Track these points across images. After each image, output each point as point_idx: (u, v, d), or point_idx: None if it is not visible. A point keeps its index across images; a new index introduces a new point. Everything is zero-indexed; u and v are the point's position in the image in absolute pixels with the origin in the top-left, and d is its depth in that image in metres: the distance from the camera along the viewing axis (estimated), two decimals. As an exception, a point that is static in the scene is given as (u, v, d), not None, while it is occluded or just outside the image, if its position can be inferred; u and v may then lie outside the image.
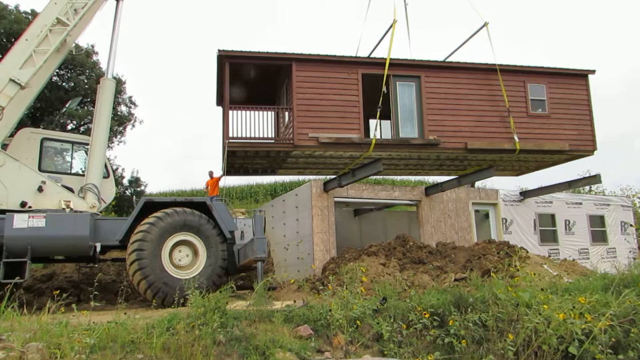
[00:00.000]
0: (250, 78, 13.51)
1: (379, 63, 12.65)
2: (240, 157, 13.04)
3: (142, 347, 5.81)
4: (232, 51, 12.01)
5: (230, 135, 11.97)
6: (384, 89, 12.40)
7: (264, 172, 15.03)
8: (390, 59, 12.54)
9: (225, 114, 12.33)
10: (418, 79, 12.91)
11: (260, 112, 12.74)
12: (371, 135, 12.58)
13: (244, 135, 12.19)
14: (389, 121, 13.53)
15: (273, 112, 13.72)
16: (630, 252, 17.74)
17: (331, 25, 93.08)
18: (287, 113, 12.79)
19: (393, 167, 14.67)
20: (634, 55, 71.16)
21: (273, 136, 13.44)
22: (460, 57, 16.13)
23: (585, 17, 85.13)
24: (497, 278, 7.73)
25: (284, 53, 12.27)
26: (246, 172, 14.99)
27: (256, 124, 12.33)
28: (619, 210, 18.25)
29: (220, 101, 14.02)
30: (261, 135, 12.50)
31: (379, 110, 12.19)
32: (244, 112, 12.41)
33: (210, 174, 16.56)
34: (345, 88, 12.42)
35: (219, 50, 11.94)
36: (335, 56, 12.49)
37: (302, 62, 12.32)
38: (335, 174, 15.10)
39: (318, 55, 12.42)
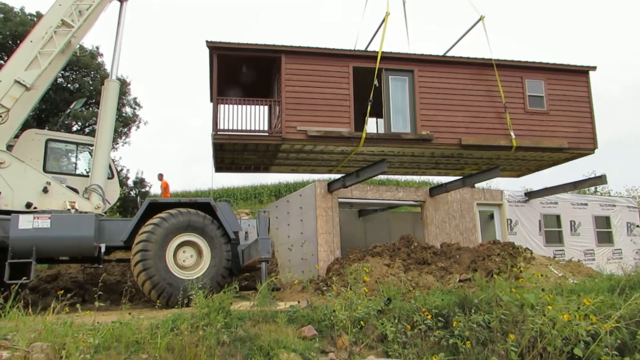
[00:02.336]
0: (243, 71, 13.28)
1: (371, 56, 12.48)
2: (228, 151, 12.84)
3: (146, 347, 5.83)
4: (220, 42, 11.82)
5: (220, 127, 11.73)
6: (376, 82, 12.22)
7: (256, 169, 14.80)
8: (383, 52, 12.35)
9: (214, 107, 12.04)
10: (411, 73, 12.75)
11: (253, 106, 12.56)
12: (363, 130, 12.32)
13: (234, 128, 11.94)
14: (382, 118, 13.36)
15: (266, 106, 13.53)
16: (636, 253, 17.63)
17: (332, 22, 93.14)
18: (277, 106, 12.60)
19: (388, 165, 14.51)
20: None
21: (266, 129, 13.24)
22: (457, 53, 16.01)
23: (598, 14, 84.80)
24: (501, 279, 7.68)
25: (273, 45, 12.05)
26: (238, 169, 14.73)
27: (248, 118, 12.18)
28: (624, 211, 18.14)
29: (212, 97, 13.89)
30: (253, 129, 12.24)
31: (369, 104, 12.05)
32: (235, 105, 12.22)
33: (160, 176, 16.09)
34: (335, 81, 12.25)
35: (207, 42, 11.72)
36: (325, 49, 12.31)
37: (291, 54, 12.14)
38: (329, 171, 14.95)
39: (308, 47, 12.23)
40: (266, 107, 13.66)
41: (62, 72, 17.53)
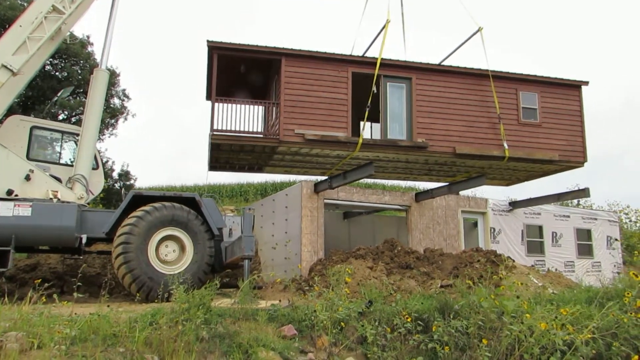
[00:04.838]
0: (242, 72, 13.32)
1: (370, 62, 12.60)
2: (225, 151, 12.86)
3: (123, 341, 5.75)
4: (221, 42, 11.88)
5: (216, 127, 11.78)
6: (374, 88, 12.35)
7: (250, 169, 14.84)
8: (382, 59, 12.49)
9: (212, 106, 12.09)
10: (409, 81, 12.89)
11: (250, 107, 12.59)
12: (360, 135, 12.43)
13: (230, 129, 11.96)
14: (378, 124, 13.48)
15: (263, 107, 13.55)
16: (614, 266, 17.92)
17: (330, 24, 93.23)
18: (274, 108, 12.67)
19: (381, 170, 14.64)
20: (630, 73, 71.96)
21: (262, 131, 13.31)
22: (454, 62, 16.17)
23: (590, 31, 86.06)
24: (481, 286, 7.74)
25: (274, 47, 12.12)
26: (232, 169, 14.78)
27: (245, 119, 12.18)
28: (605, 225, 18.43)
29: (210, 95, 13.90)
30: (249, 130, 12.30)
31: (367, 109, 12.15)
32: (232, 105, 12.25)
33: None
34: (334, 86, 12.36)
35: (208, 41, 11.78)
36: (326, 53, 12.40)
37: (291, 57, 12.22)
38: (322, 174, 15.02)
39: (308, 51, 12.32)
40: (262, 108, 13.65)
41: (51, 59, 17.31)
